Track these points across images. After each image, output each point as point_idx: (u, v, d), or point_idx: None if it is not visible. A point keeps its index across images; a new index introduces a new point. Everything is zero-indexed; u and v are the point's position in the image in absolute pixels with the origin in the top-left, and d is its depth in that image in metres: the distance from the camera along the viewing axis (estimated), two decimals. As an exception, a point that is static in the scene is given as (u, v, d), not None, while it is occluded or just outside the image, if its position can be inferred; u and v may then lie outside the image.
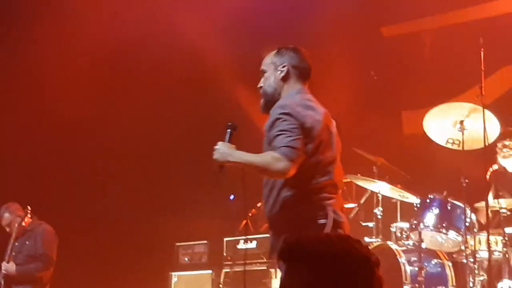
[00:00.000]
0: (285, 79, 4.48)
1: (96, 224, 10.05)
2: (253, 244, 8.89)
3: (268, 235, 8.83)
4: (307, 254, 2.08)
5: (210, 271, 8.91)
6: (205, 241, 9.17)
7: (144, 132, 10.03)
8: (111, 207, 10.00)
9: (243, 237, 8.97)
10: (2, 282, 7.90)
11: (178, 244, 9.42)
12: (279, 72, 4.48)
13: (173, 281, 9.13)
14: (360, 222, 8.13)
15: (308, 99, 4.44)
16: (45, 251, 8.01)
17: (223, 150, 4.35)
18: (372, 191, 7.78)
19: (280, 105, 4.39)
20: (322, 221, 4.23)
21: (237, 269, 8.77)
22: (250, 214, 11.03)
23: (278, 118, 4.26)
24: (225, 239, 8.79)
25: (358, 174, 7.54)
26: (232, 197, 9.52)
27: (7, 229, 8.10)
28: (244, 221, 5.72)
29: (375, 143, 8.54)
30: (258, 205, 11.04)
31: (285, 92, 4.50)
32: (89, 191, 9.99)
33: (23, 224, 7.98)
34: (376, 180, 7.35)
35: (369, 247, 7.00)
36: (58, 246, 8.22)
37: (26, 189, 9.22)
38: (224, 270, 8.72)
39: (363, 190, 8.05)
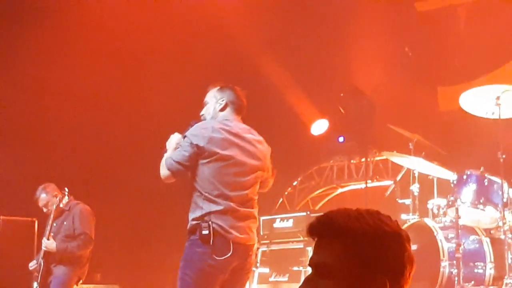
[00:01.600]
0: (222, 110, 5.34)
1: (136, 205, 10.10)
2: (289, 223, 8.90)
3: (304, 213, 8.96)
4: (338, 229, 2.06)
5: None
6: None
7: (186, 113, 10.01)
8: (150, 189, 10.02)
9: (278, 216, 9.01)
10: (42, 263, 7.94)
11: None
12: (218, 104, 5.35)
13: (210, 261, 9.15)
14: (397, 199, 8.10)
15: (225, 124, 5.22)
16: (83, 230, 8.03)
17: (170, 140, 5.38)
18: (408, 168, 7.73)
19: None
20: (204, 232, 4.97)
21: (274, 247, 8.81)
22: (286, 193, 11.10)
23: (184, 136, 5.22)
24: (262, 218, 8.80)
25: (395, 151, 7.50)
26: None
27: (44, 210, 8.13)
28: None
29: (411, 119, 8.48)
30: (294, 183, 11.10)
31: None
32: (129, 172, 10.03)
33: (61, 205, 8.02)
34: (412, 157, 7.30)
35: (406, 224, 7.01)
36: (98, 227, 8.25)
37: (65, 170, 9.28)
38: (261, 249, 8.76)
39: (399, 167, 8.00)
